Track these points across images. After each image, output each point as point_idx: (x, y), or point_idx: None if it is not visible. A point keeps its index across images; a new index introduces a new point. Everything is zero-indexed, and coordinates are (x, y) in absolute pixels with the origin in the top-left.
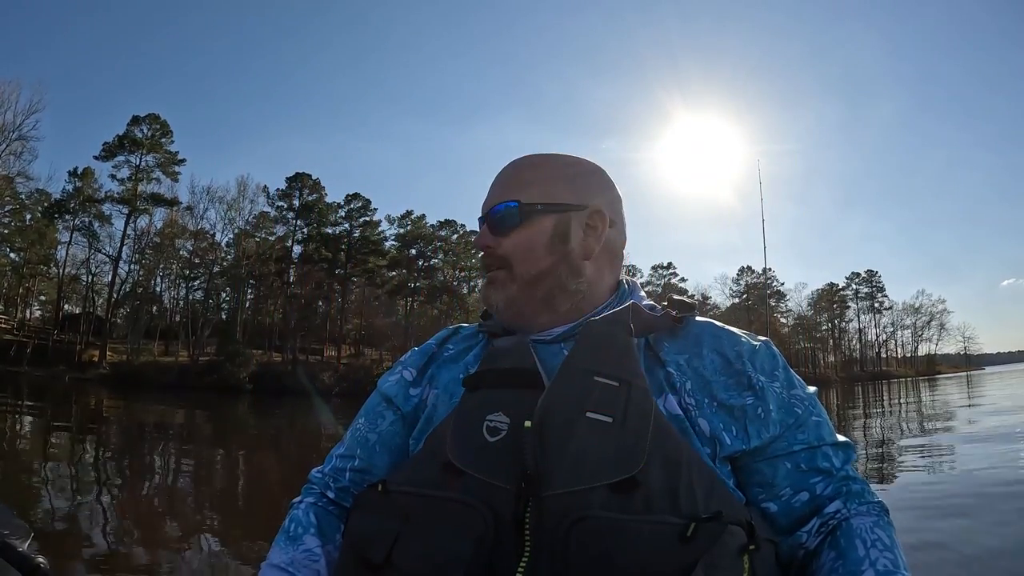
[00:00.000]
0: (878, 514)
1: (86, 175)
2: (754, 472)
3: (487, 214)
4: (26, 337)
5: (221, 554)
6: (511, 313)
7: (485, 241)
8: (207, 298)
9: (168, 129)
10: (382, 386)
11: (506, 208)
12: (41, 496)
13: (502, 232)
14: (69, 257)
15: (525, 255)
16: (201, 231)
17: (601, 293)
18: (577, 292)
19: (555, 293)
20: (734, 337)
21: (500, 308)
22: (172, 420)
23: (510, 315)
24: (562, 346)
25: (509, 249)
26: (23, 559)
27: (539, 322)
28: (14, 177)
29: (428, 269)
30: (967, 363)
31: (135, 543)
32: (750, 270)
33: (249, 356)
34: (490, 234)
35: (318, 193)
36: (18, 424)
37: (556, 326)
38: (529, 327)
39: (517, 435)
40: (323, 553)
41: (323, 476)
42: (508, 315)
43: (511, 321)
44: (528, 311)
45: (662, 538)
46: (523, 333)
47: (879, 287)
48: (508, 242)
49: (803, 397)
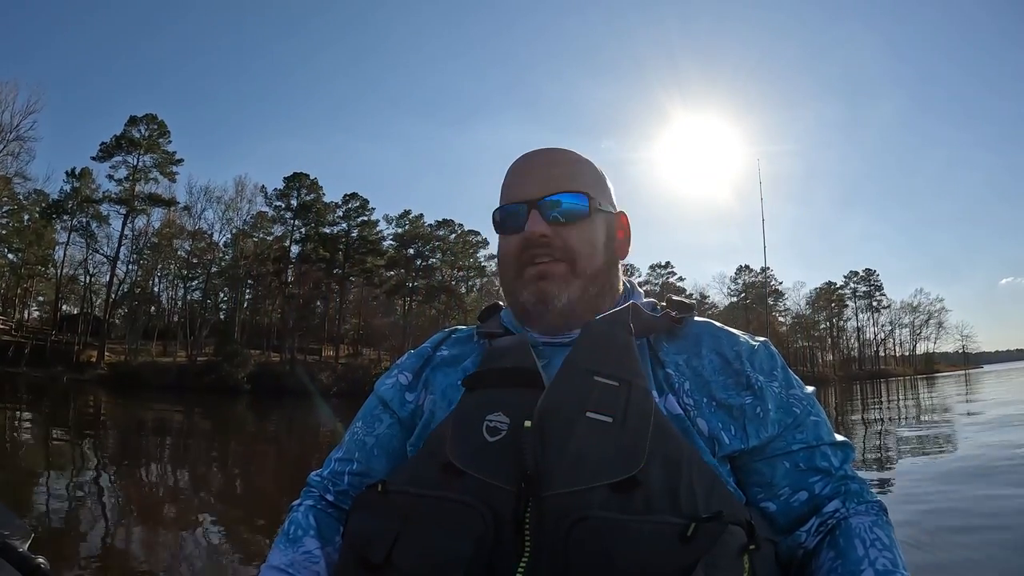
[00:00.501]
0: (877, 513)
1: (84, 175)
2: (753, 472)
3: (540, 199)
4: (24, 338)
5: (221, 554)
6: (569, 313)
7: (541, 229)
8: (205, 298)
9: (166, 129)
10: (379, 389)
11: (576, 199)
12: (40, 497)
13: (566, 223)
14: (67, 257)
15: (591, 251)
16: (199, 231)
17: (617, 295)
18: (615, 294)
19: (604, 293)
20: (733, 337)
21: (561, 306)
22: (170, 420)
23: (567, 315)
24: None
25: (574, 242)
26: (23, 559)
27: (578, 324)
28: (12, 178)
29: (426, 269)
30: (965, 362)
31: (134, 543)
32: (748, 269)
33: (247, 356)
34: (545, 223)
35: (316, 193)
36: (16, 425)
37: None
38: (568, 329)
39: (517, 435)
40: (323, 555)
41: (322, 479)
42: (566, 314)
43: (563, 321)
44: (584, 311)
45: (662, 538)
46: (554, 334)
47: (877, 286)
48: (573, 235)
49: (801, 397)
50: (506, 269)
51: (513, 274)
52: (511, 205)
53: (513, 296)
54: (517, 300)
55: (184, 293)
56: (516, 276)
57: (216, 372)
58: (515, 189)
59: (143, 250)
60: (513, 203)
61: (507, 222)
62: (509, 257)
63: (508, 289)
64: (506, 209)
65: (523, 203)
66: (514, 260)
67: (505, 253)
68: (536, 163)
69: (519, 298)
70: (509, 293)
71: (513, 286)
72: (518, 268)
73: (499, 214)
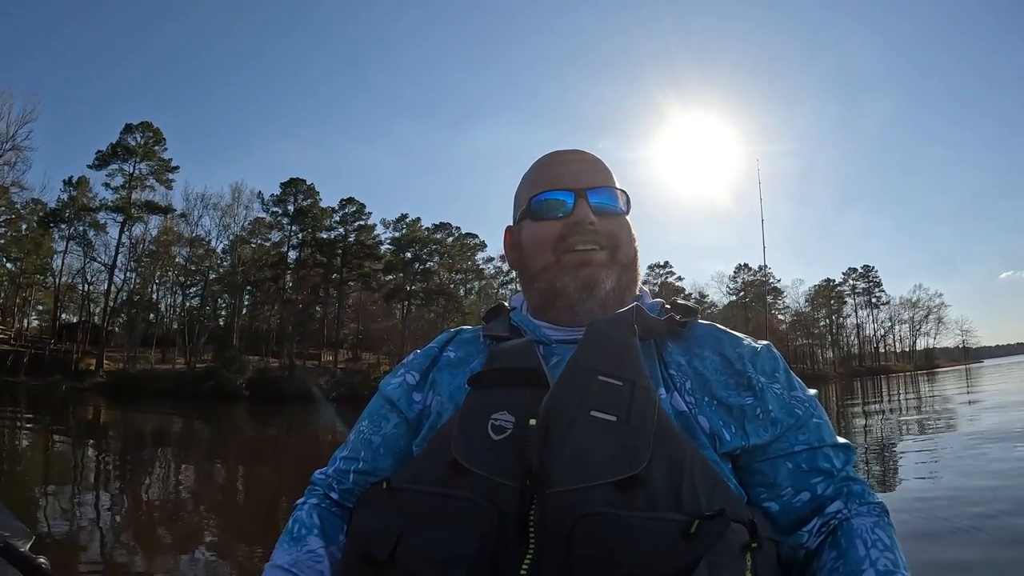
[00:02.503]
0: (878, 514)
1: (81, 184)
2: (756, 472)
3: (588, 190)
4: (23, 347)
5: (220, 554)
6: (608, 300)
7: (591, 216)
8: (204, 305)
9: (161, 136)
10: (384, 389)
11: (616, 193)
12: (40, 502)
13: (609, 214)
14: (65, 266)
15: (628, 242)
16: (197, 238)
17: (637, 291)
18: (637, 288)
19: (632, 285)
20: (735, 339)
21: (604, 293)
22: (169, 427)
23: (607, 302)
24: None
25: (616, 232)
26: (24, 559)
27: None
28: (9, 187)
29: (424, 272)
30: (965, 357)
31: (134, 546)
32: (747, 268)
33: (245, 362)
34: (592, 213)
35: (312, 198)
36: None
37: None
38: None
39: (522, 433)
40: (326, 554)
41: (326, 477)
42: (606, 302)
43: (602, 309)
44: (617, 301)
45: (665, 535)
46: (581, 325)
47: (876, 282)
48: (615, 225)
49: (803, 399)
50: (540, 255)
51: (552, 259)
52: (556, 191)
53: (548, 283)
54: (551, 286)
55: (183, 300)
56: (554, 261)
57: (214, 379)
58: (556, 178)
59: (141, 258)
60: (558, 190)
61: (549, 208)
62: (546, 242)
63: (543, 275)
64: (549, 195)
65: (571, 191)
66: (553, 246)
67: (541, 238)
68: (576, 158)
69: (556, 284)
70: (542, 279)
71: (550, 273)
72: (557, 254)
73: (539, 199)
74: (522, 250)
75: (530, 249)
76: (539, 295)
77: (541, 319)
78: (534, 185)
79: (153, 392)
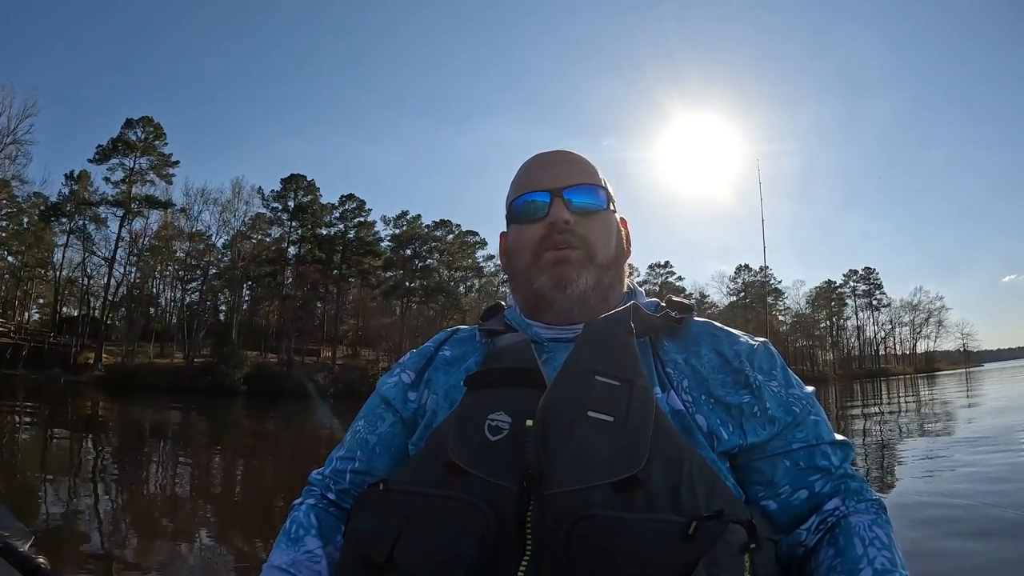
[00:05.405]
0: (876, 512)
1: (82, 178)
2: (754, 470)
3: (563, 189)
4: (23, 340)
5: (220, 554)
6: (583, 299)
7: (564, 216)
8: (203, 300)
9: (161, 131)
10: (381, 388)
11: (596, 190)
12: (38, 499)
13: (586, 212)
14: (66, 260)
15: (605, 242)
16: (197, 233)
17: (624, 291)
18: (623, 289)
19: (614, 285)
20: (732, 337)
21: (578, 291)
22: (166, 421)
23: (581, 301)
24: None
25: (594, 232)
26: (24, 559)
27: (587, 316)
28: (10, 181)
29: (424, 269)
30: (966, 360)
31: (133, 544)
32: (747, 268)
33: (243, 358)
34: (568, 211)
35: (312, 195)
36: (15, 427)
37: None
38: (576, 321)
39: (519, 434)
40: (324, 554)
41: (323, 478)
42: (580, 300)
43: (576, 307)
44: (596, 300)
45: (664, 536)
46: (563, 324)
47: (877, 284)
48: (592, 224)
49: (801, 396)
50: (521, 257)
51: (530, 260)
52: (533, 193)
53: (527, 283)
54: (531, 287)
55: (182, 295)
56: (532, 262)
57: (212, 374)
58: (535, 181)
59: (141, 252)
60: (536, 191)
61: (527, 210)
62: (527, 245)
63: (521, 277)
64: (527, 197)
65: (547, 191)
66: (533, 247)
67: (522, 241)
68: (555, 159)
69: (533, 285)
70: (522, 281)
71: (528, 273)
72: (535, 254)
73: (518, 203)
74: (510, 254)
75: (515, 253)
76: (523, 297)
77: (531, 319)
78: (516, 189)
79: (151, 386)
